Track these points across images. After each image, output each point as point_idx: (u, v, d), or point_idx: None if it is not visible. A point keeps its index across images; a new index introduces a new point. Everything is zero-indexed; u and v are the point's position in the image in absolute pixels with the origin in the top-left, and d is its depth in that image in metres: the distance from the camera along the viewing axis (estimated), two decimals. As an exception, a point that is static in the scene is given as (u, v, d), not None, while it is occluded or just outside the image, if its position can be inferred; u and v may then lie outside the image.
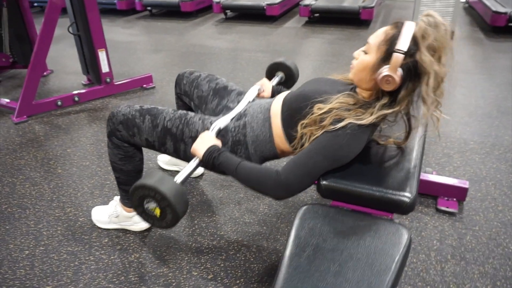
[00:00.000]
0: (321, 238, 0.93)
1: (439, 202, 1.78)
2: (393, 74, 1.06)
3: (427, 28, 1.03)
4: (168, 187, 1.08)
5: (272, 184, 1.13)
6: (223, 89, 1.62)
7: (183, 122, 1.39)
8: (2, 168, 2.23)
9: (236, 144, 1.36)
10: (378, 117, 1.11)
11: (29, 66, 2.75)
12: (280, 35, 4.87)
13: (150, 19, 5.90)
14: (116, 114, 1.45)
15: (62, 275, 1.51)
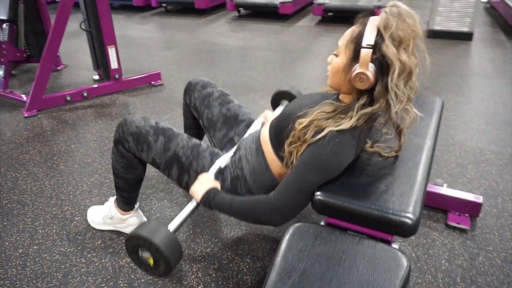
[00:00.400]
0: (310, 263, 0.85)
1: (449, 217, 1.67)
2: (365, 70, 1.01)
3: (389, 18, 0.98)
4: (162, 238, 1.10)
5: (265, 210, 1.10)
6: (234, 118, 1.55)
7: (194, 154, 1.35)
8: (8, 162, 2.23)
9: (235, 180, 1.33)
10: (359, 118, 1.06)
11: (40, 62, 2.75)
12: (292, 33, 4.78)
13: (165, 16, 5.88)
14: (129, 124, 1.39)
15: (52, 277, 1.48)
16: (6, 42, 2.90)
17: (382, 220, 0.98)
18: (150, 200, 1.89)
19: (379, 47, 0.99)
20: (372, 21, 1.01)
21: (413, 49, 1.01)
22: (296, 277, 0.82)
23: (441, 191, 1.71)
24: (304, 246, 0.90)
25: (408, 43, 0.99)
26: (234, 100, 1.63)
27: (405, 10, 1.00)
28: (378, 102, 1.05)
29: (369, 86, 1.03)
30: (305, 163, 1.07)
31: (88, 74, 3.51)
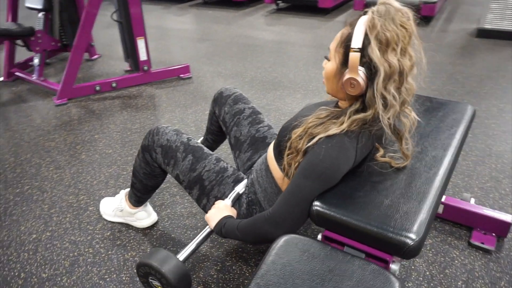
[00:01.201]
0: (291, 280, 0.79)
1: (473, 235, 1.54)
2: (355, 75, 0.95)
3: (374, 17, 0.92)
4: (171, 269, 1.12)
5: (264, 224, 1.06)
6: (261, 141, 1.49)
7: (218, 179, 1.32)
8: (34, 148, 2.31)
9: (251, 205, 1.30)
10: (352, 124, 1.00)
11: (71, 52, 2.83)
12: (329, 29, 4.63)
13: (202, 7, 5.90)
14: (161, 135, 1.37)
15: (60, 265, 1.51)
16: (41, 31, 3.00)
17: (380, 238, 0.90)
18: (163, 194, 1.89)
19: (365, 51, 0.93)
20: (361, 22, 0.94)
21: (406, 49, 0.94)
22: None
23: (466, 206, 1.58)
24: (289, 261, 0.84)
25: (397, 44, 0.91)
26: (264, 120, 1.56)
27: (394, 7, 0.92)
28: (370, 108, 0.98)
29: (361, 91, 0.97)
30: (301, 172, 1.03)
31: (120, 65, 3.58)
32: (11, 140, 2.40)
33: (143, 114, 2.69)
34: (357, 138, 1.02)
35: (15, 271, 1.49)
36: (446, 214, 1.61)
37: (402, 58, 0.93)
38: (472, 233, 1.55)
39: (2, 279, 1.45)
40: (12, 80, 3.29)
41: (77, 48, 2.81)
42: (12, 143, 2.37)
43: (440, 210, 1.61)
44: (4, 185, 1.98)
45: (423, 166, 1.12)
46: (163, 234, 1.64)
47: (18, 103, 2.91)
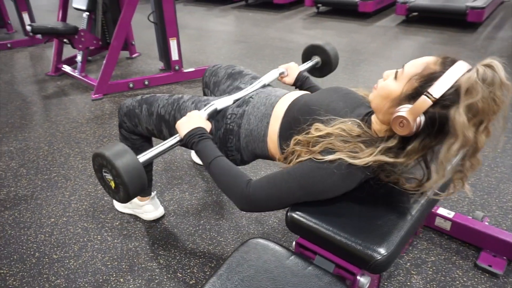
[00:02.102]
0: (247, 283, 0.81)
1: (481, 256, 1.46)
2: (411, 118, 0.85)
3: (477, 82, 0.80)
4: (125, 164, 0.98)
5: (239, 192, 1.01)
6: (238, 73, 1.56)
7: (175, 108, 1.36)
8: (66, 139, 2.48)
9: (229, 133, 1.28)
10: (376, 161, 0.91)
11: (108, 51, 3.00)
12: (368, 33, 4.52)
13: (243, 9, 5.99)
14: (122, 107, 1.48)
15: (70, 248, 1.62)
16: (84, 30, 3.20)
17: (348, 250, 0.89)
18: (173, 190, 1.96)
19: (445, 106, 0.83)
20: (455, 70, 0.84)
21: (488, 125, 0.84)
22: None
23: (476, 225, 1.49)
24: (251, 264, 0.85)
25: (483, 118, 0.82)
26: (240, 66, 1.64)
27: (500, 78, 0.80)
28: (406, 157, 0.91)
29: (406, 134, 0.88)
30: (298, 176, 0.97)
31: (156, 64, 3.73)
32: (48, 130, 2.59)
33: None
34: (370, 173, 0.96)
35: (31, 250, 1.62)
36: (453, 232, 1.53)
37: (480, 134, 0.83)
38: (480, 254, 1.47)
39: (19, 256, 1.58)
40: (58, 75, 3.54)
41: (113, 47, 2.97)
42: (48, 133, 2.56)
43: (448, 227, 1.53)
44: (35, 171, 2.15)
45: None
46: (167, 228, 1.71)
47: (60, 96, 3.13)
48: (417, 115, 0.85)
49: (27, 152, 2.34)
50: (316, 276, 0.83)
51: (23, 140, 2.48)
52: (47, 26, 3.08)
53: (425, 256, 1.49)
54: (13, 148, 2.39)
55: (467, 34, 4.24)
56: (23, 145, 2.41)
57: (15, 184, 2.04)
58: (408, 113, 0.85)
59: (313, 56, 1.71)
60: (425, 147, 0.90)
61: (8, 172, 2.15)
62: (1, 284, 1.46)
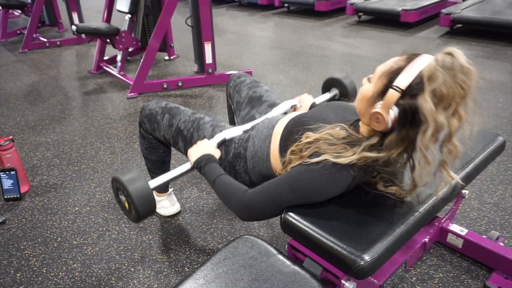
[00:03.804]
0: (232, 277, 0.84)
1: (492, 277, 1.39)
2: (384, 113, 0.90)
3: (437, 69, 0.84)
4: (137, 188, 1.12)
5: (236, 202, 1.08)
6: (257, 99, 1.59)
7: (195, 127, 1.43)
8: (99, 133, 2.63)
9: (237, 157, 1.34)
10: (360, 159, 0.94)
11: (145, 52, 3.15)
12: (408, 44, 4.42)
13: (284, 16, 6.03)
14: (145, 108, 1.56)
15: (89, 236, 1.73)
16: (125, 31, 3.38)
17: (334, 254, 0.90)
18: (192, 188, 2.02)
19: (413, 96, 0.87)
20: (419, 62, 0.88)
21: (458, 110, 0.86)
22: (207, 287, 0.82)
23: (489, 245, 1.43)
24: (237, 260, 0.89)
25: (450, 102, 0.85)
26: (263, 85, 1.66)
27: (460, 63, 0.84)
28: (386, 151, 0.93)
29: (384, 129, 0.92)
30: (289, 180, 1.02)
31: (192, 66, 3.85)
32: (84, 124, 2.76)
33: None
34: (356, 173, 0.97)
35: (54, 235, 1.74)
36: (465, 250, 1.48)
37: (451, 118, 0.87)
38: (491, 275, 1.40)
39: (43, 240, 1.71)
40: (99, 73, 3.76)
41: (150, 48, 3.12)
42: (84, 127, 2.73)
43: (460, 244, 1.48)
44: (67, 162, 2.30)
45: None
46: (181, 225, 1.77)
47: (98, 93, 3.32)
48: (388, 108, 0.89)
49: (62, 144, 2.51)
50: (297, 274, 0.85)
51: (60, 132, 2.65)
52: (91, 27, 3.29)
53: (433, 272, 1.45)
54: (50, 139, 2.56)
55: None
56: (59, 137, 2.59)
57: (48, 173, 2.20)
58: (381, 108, 0.90)
59: (332, 88, 1.74)
60: (403, 139, 0.92)
61: (43, 161, 2.32)
62: (25, 263, 1.58)
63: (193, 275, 0.86)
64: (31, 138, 2.59)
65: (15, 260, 1.60)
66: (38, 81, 3.61)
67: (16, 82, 3.61)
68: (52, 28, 5.41)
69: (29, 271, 1.55)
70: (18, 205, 1.93)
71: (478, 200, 1.81)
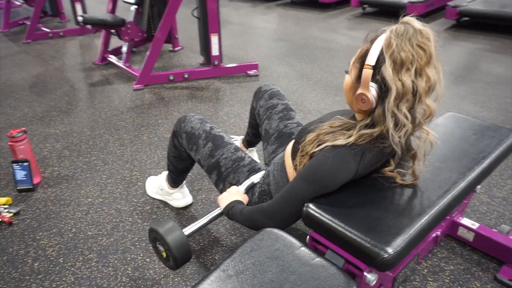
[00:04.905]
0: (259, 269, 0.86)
1: (502, 270, 1.43)
2: (366, 92, 0.98)
3: (390, 37, 0.92)
4: (174, 239, 1.20)
5: (261, 215, 1.14)
6: (287, 136, 1.54)
7: (234, 167, 1.43)
8: (107, 125, 2.64)
9: (262, 195, 1.37)
10: (359, 137, 1.02)
11: (151, 44, 3.14)
12: (413, 37, 4.41)
13: (288, 7, 6.00)
14: (187, 122, 1.53)
15: (103, 227, 1.75)
16: (131, 22, 3.36)
17: (357, 247, 0.93)
18: (203, 180, 2.04)
19: (379, 69, 0.94)
20: (379, 40, 0.96)
21: (423, 70, 0.92)
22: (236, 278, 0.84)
23: (500, 238, 1.46)
24: (262, 252, 0.91)
25: (411, 64, 0.91)
26: (295, 117, 1.61)
27: (413, 28, 0.92)
28: (378, 125, 1.00)
29: (371, 107, 0.99)
30: (301, 174, 1.09)
31: (197, 58, 3.85)
32: (91, 116, 2.77)
33: (205, 105, 2.89)
34: (362, 152, 1.02)
35: (68, 226, 1.76)
36: (476, 243, 1.51)
37: (417, 79, 0.93)
38: (501, 268, 1.44)
39: (57, 230, 1.73)
40: (104, 64, 3.75)
41: (156, 40, 3.11)
42: (91, 119, 2.73)
43: (471, 238, 1.51)
44: (77, 154, 2.31)
45: (431, 186, 1.09)
46: (193, 216, 1.80)
47: (104, 85, 3.32)
48: (367, 86, 0.97)
49: (71, 135, 2.51)
50: (323, 268, 0.87)
51: (69, 124, 2.66)
52: (97, 18, 3.28)
53: (444, 265, 1.48)
54: (58, 131, 2.57)
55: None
56: (68, 129, 2.59)
57: (59, 165, 2.21)
58: (361, 88, 0.98)
59: None
60: (388, 110, 0.96)
61: (53, 153, 2.33)
62: (42, 253, 1.61)
63: (221, 267, 0.88)
64: (40, 129, 2.59)
65: (32, 250, 1.62)
66: (43, 72, 3.60)
67: (22, 73, 3.60)
68: (54, 18, 5.37)
69: (47, 261, 1.57)
70: (31, 196, 1.95)
71: (488, 194, 1.84)
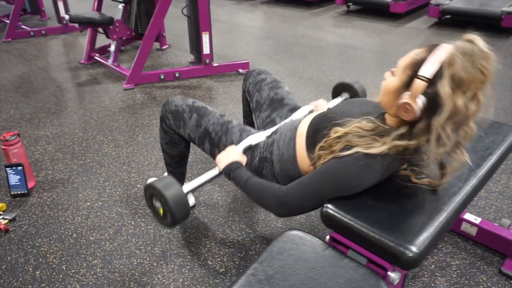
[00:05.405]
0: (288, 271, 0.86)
1: (506, 263, 1.47)
2: (412, 102, 0.94)
3: (456, 54, 0.88)
4: (172, 193, 1.16)
5: (273, 199, 1.12)
6: (279, 102, 1.58)
7: (223, 130, 1.43)
8: (99, 126, 2.58)
9: (263, 161, 1.36)
10: (391, 148, 0.99)
11: (141, 42, 3.08)
12: (399, 35, 4.49)
13: (272, 5, 6.00)
14: (170, 103, 1.54)
15: (105, 231, 1.71)
16: (119, 20, 3.30)
17: (381, 246, 0.93)
18: (203, 181, 2.02)
19: (434, 83, 0.91)
20: (439, 52, 0.92)
21: (477, 94, 0.90)
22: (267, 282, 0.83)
23: (502, 232, 1.50)
24: (289, 254, 0.91)
25: (469, 87, 0.89)
26: (284, 86, 1.66)
27: (479, 49, 0.88)
28: (416, 139, 0.97)
29: (413, 118, 0.96)
30: (324, 174, 1.06)
31: (186, 57, 3.80)
32: (82, 117, 2.70)
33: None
34: (390, 162, 1.01)
35: (69, 231, 1.71)
36: (479, 238, 1.55)
37: (469, 102, 0.90)
38: (505, 261, 1.48)
39: (58, 236, 1.68)
40: (91, 63, 3.66)
41: (147, 39, 3.06)
42: (83, 119, 2.67)
43: (474, 232, 1.55)
44: (71, 156, 2.25)
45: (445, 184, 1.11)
46: (197, 218, 1.78)
47: (92, 84, 3.24)
48: (415, 97, 0.93)
49: (63, 137, 2.45)
50: (351, 268, 0.88)
51: (59, 125, 2.59)
52: (85, 16, 3.19)
53: (450, 260, 1.52)
54: (49, 133, 2.50)
55: (500, 40, 4.15)
56: (59, 131, 2.52)
57: (53, 168, 2.15)
58: (409, 98, 0.94)
59: (343, 93, 1.76)
60: (434, 127, 0.94)
61: (46, 155, 2.26)
62: (42, 260, 1.56)
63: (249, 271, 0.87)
64: (29, 131, 2.51)
65: (32, 257, 1.57)
66: (27, 72, 3.49)
67: (4, 73, 3.47)
68: (33, 16, 5.20)
69: (49, 269, 1.52)
70: (26, 201, 1.89)
71: (484, 189, 1.89)
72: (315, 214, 1.78)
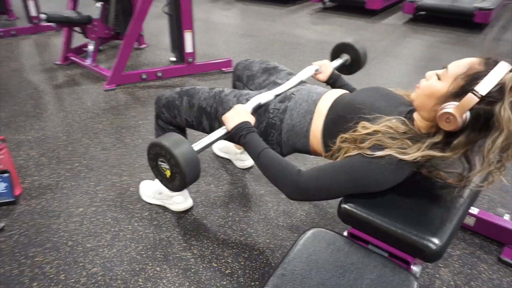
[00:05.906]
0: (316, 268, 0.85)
1: (504, 251, 1.53)
2: (457, 114, 0.91)
3: None
4: (183, 152, 1.03)
5: (290, 182, 1.07)
6: (273, 68, 1.60)
7: (217, 101, 1.40)
8: (84, 129, 2.48)
9: (271, 127, 1.32)
10: (424, 156, 0.97)
11: (123, 41, 2.99)
12: (376, 31, 4.57)
13: (248, 2, 5.98)
14: (161, 98, 1.52)
15: (102, 237, 1.64)
16: (97, 19, 3.18)
17: (404, 240, 0.94)
18: (199, 182, 1.98)
19: (490, 103, 0.89)
20: (499, 70, 0.90)
21: None
22: (298, 280, 0.82)
23: (500, 221, 1.56)
24: (315, 252, 0.90)
25: None
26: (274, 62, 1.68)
27: None
28: (452, 151, 0.96)
29: (452, 130, 0.94)
30: (349, 170, 1.02)
31: (166, 55, 3.73)
32: (64, 120, 2.59)
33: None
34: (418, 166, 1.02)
35: (63, 239, 1.63)
36: (477, 228, 1.60)
37: None
38: (503, 249, 1.53)
39: (52, 245, 1.60)
40: (67, 64, 3.52)
41: (128, 38, 2.97)
42: (65, 122, 2.56)
43: (472, 223, 1.60)
44: (57, 161, 2.16)
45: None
46: (197, 219, 1.74)
47: (71, 86, 3.12)
48: (464, 111, 0.91)
49: (46, 141, 2.34)
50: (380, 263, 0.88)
51: (40, 129, 2.47)
52: (62, 15, 3.07)
53: (451, 250, 1.56)
54: (31, 137, 2.38)
55: (473, 35, 4.31)
56: (40, 135, 2.41)
57: (38, 173, 2.05)
58: (455, 109, 0.92)
59: (342, 54, 1.76)
60: (470, 141, 0.96)
61: (30, 161, 2.15)
62: (38, 271, 1.48)
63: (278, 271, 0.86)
64: (9, 136, 2.38)
65: (26, 268, 1.49)
66: (0, 74, 3.31)
67: (-26, 75, 3.29)
68: (0, 16, 4.95)
69: (46, 280, 1.45)
70: (14, 210, 1.79)
71: (475, 179, 1.95)
72: (316, 212, 1.78)
